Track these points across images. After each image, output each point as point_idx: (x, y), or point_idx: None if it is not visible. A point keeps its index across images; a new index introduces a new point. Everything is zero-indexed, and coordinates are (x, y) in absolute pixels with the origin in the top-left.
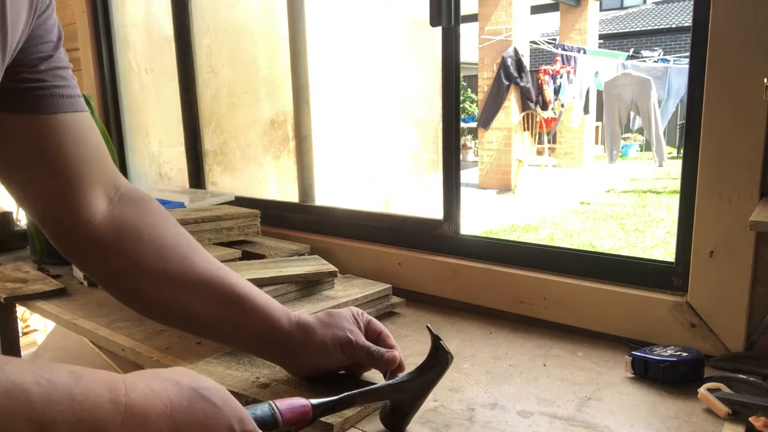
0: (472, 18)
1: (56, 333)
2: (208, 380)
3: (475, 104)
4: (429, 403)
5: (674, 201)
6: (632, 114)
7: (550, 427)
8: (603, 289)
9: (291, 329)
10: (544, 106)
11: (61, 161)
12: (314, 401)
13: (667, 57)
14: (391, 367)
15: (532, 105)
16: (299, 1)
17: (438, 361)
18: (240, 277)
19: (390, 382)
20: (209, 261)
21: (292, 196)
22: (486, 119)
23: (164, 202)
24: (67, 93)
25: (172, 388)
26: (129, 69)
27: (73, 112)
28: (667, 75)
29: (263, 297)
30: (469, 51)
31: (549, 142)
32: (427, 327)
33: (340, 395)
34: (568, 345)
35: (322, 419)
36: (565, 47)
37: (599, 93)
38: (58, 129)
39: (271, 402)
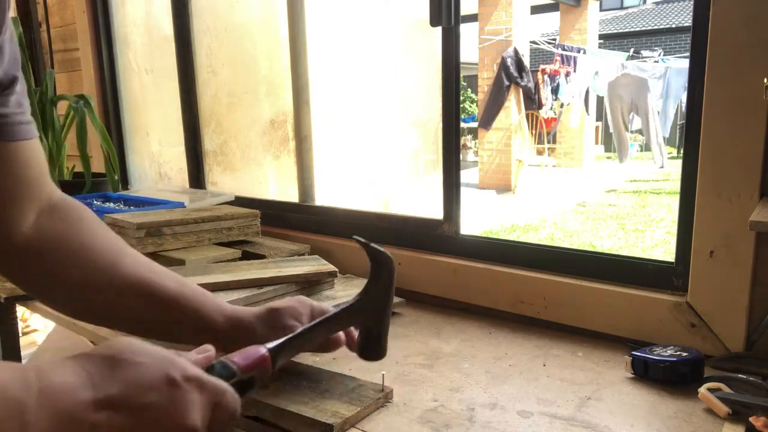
0: (472, 18)
1: (56, 333)
2: (135, 343)
3: (475, 104)
4: (429, 403)
5: (674, 201)
6: (632, 114)
7: (550, 427)
8: (603, 289)
9: (227, 327)
10: (540, 106)
11: (4, 185)
12: (270, 344)
13: (668, 57)
14: (337, 347)
15: (533, 105)
16: (299, 1)
17: (380, 266)
18: (171, 277)
19: (342, 307)
20: (138, 264)
21: (292, 196)
22: (487, 120)
23: (164, 202)
24: (24, 120)
25: (87, 362)
26: (129, 69)
27: (28, 139)
28: (667, 75)
29: (195, 296)
30: (469, 51)
31: (549, 142)
32: (354, 237)
33: (295, 332)
34: (568, 345)
35: (322, 420)
36: (565, 47)
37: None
38: (10, 155)
39: (221, 358)
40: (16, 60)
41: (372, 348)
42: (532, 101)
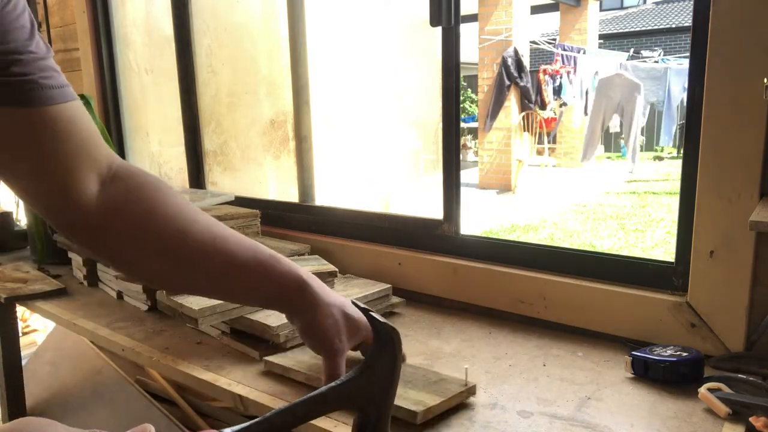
0: (472, 18)
1: (56, 333)
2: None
3: (475, 104)
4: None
5: (674, 201)
6: (615, 116)
7: (550, 427)
8: (603, 289)
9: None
10: (543, 106)
11: (54, 152)
12: (227, 430)
13: (668, 57)
14: None
15: (531, 105)
16: (299, 1)
17: (383, 342)
18: (243, 242)
19: (331, 385)
20: (204, 230)
21: (292, 196)
22: (489, 121)
23: None
24: (54, 84)
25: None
26: (129, 69)
27: (63, 102)
28: (667, 75)
29: (268, 261)
30: (469, 51)
31: (549, 143)
32: (353, 302)
33: (261, 417)
34: (568, 345)
35: (405, 407)
36: (565, 47)
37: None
38: (50, 121)
39: None
40: (23, 27)
41: None
42: (530, 101)
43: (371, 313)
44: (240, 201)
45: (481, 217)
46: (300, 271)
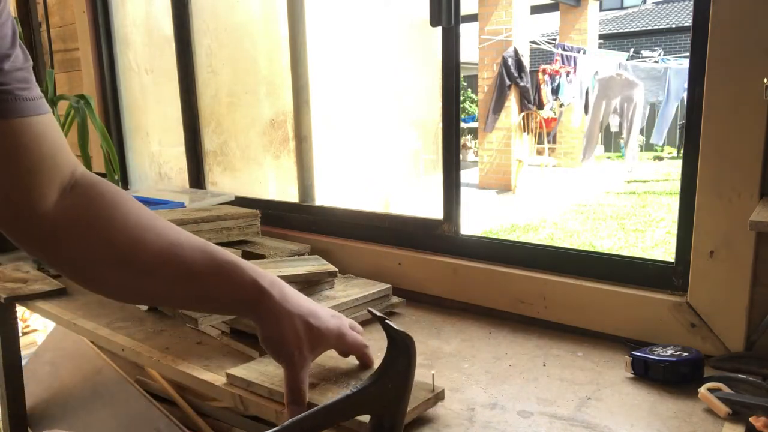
0: (472, 18)
1: (56, 333)
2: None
3: (475, 104)
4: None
5: (674, 201)
6: (614, 116)
7: (550, 427)
8: (603, 289)
9: (258, 295)
10: (541, 106)
11: (20, 163)
12: None
13: (668, 57)
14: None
15: (530, 105)
16: (299, 1)
17: (397, 350)
18: (198, 249)
19: (345, 394)
20: (161, 237)
21: (292, 196)
22: (490, 121)
23: (164, 202)
24: (29, 96)
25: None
26: (129, 69)
27: (35, 115)
28: (667, 76)
29: (225, 266)
30: (469, 51)
31: (549, 142)
32: (369, 310)
33: (276, 428)
34: (568, 345)
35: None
36: (565, 47)
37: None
38: (19, 132)
39: None
40: (5, 37)
41: None
42: (530, 102)
43: (387, 321)
44: (240, 201)
45: (481, 217)
46: (261, 279)
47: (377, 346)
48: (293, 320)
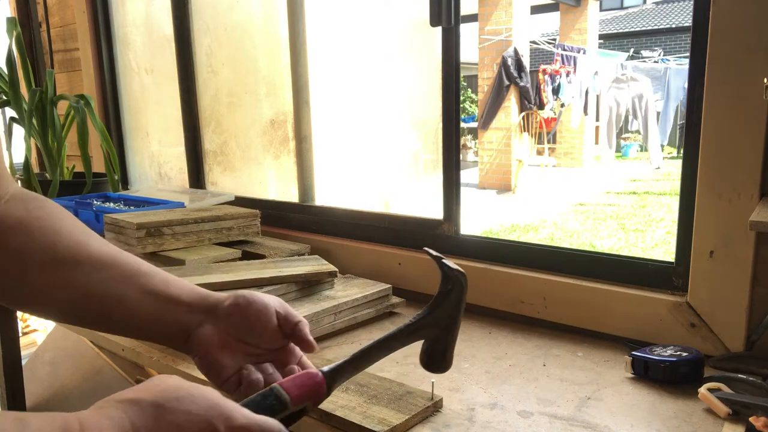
0: (472, 18)
1: (56, 333)
2: (182, 387)
3: (475, 104)
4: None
5: (674, 201)
6: (628, 116)
7: (550, 427)
8: (603, 289)
9: (192, 304)
10: (541, 106)
11: None
12: (325, 368)
13: (668, 57)
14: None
15: (530, 105)
16: (299, 1)
17: (451, 284)
18: (143, 261)
19: (405, 324)
20: (107, 245)
21: (292, 196)
22: (487, 120)
23: (164, 202)
24: None
25: (132, 411)
26: (129, 69)
27: None
28: (667, 76)
29: (170, 276)
30: (469, 51)
31: (549, 142)
32: (425, 249)
33: (352, 354)
34: (568, 345)
35: (369, 427)
36: (565, 47)
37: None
38: None
39: (274, 384)
40: None
41: (435, 361)
42: (530, 101)
43: (442, 260)
44: (240, 201)
45: (481, 217)
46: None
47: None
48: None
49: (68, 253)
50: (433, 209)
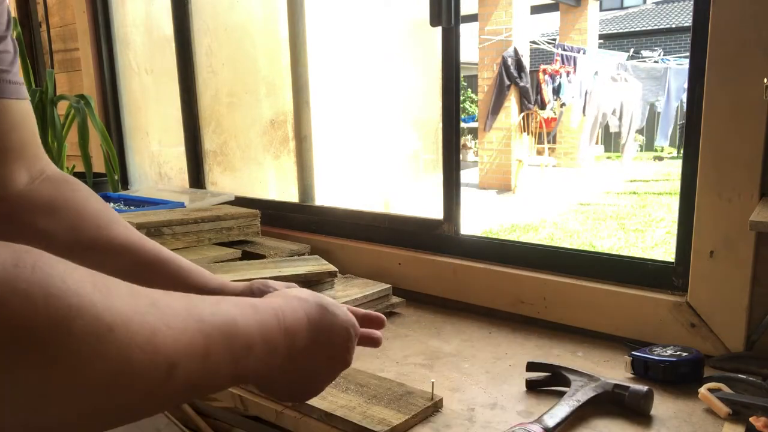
0: (472, 18)
1: None
2: (324, 296)
3: (475, 104)
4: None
5: (674, 201)
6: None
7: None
8: (603, 289)
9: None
10: (542, 106)
11: None
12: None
13: (668, 57)
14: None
15: (530, 105)
16: (299, 1)
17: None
18: (160, 247)
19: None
20: (130, 230)
21: (292, 196)
22: (489, 121)
23: (164, 202)
24: (12, 79)
25: (306, 306)
26: (129, 69)
27: (16, 99)
28: (667, 76)
29: (183, 263)
30: (469, 51)
31: (549, 142)
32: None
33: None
34: (568, 345)
35: (369, 427)
36: (565, 47)
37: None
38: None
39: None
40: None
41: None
42: (530, 102)
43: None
44: (240, 201)
45: (481, 217)
46: (210, 281)
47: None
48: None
49: (89, 236)
50: (433, 209)
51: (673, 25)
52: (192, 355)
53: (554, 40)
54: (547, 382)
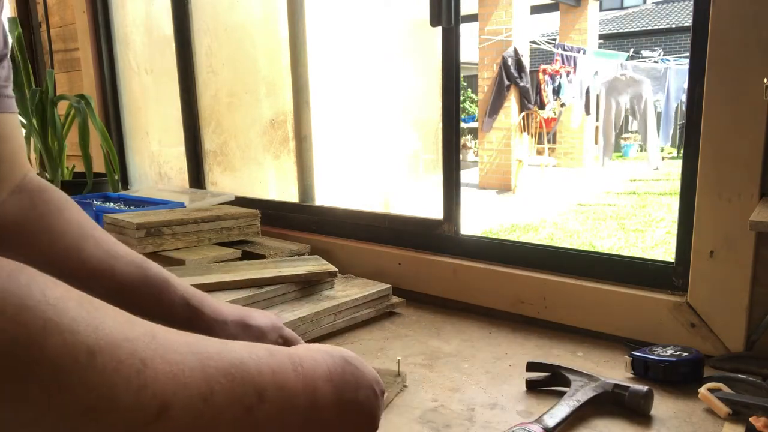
0: (472, 18)
1: None
2: (348, 351)
3: (475, 104)
4: (429, 403)
5: (674, 201)
6: (627, 117)
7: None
8: (603, 289)
9: (186, 317)
10: (542, 106)
11: None
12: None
13: (668, 57)
14: None
15: (530, 105)
16: (299, 1)
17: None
18: (132, 261)
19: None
20: (99, 246)
21: (292, 196)
22: (488, 121)
23: (164, 202)
24: (8, 94)
25: (328, 359)
26: (129, 69)
27: (9, 113)
28: (667, 76)
29: (157, 282)
30: (469, 51)
31: (549, 142)
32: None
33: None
34: (568, 345)
35: None
36: (565, 47)
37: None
38: None
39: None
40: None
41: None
42: (530, 102)
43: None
44: (240, 201)
45: (481, 217)
46: (191, 297)
47: (376, 346)
48: (228, 328)
49: (59, 258)
50: (433, 209)
51: (673, 25)
52: (189, 396)
53: (554, 40)
54: (547, 382)
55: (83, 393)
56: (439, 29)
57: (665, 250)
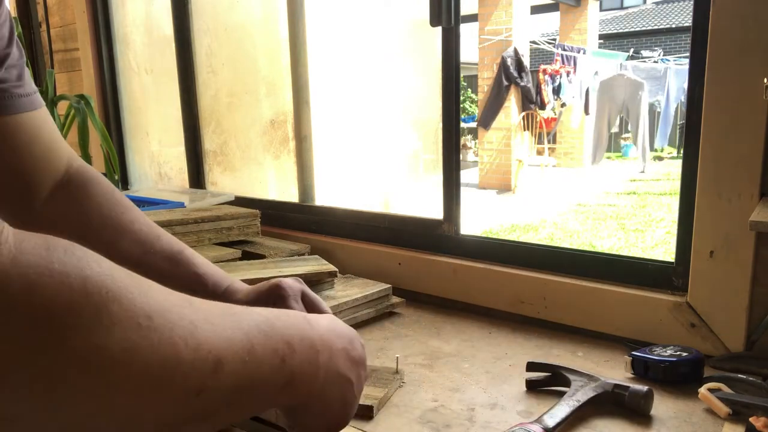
0: (472, 18)
1: None
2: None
3: (475, 104)
4: (429, 403)
5: (674, 201)
6: (621, 117)
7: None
8: (603, 289)
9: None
10: (542, 106)
11: (12, 160)
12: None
13: (668, 57)
14: None
15: (531, 105)
16: (299, 1)
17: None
18: (168, 255)
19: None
20: (134, 245)
21: (292, 196)
22: (486, 120)
23: (164, 202)
24: (24, 92)
25: (324, 319)
26: (129, 69)
27: (30, 111)
28: (667, 76)
29: (188, 277)
30: (469, 51)
31: (549, 142)
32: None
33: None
34: (568, 345)
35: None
36: (565, 47)
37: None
38: (13, 129)
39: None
40: (2, 38)
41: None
42: (531, 102)
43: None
44: (240, 201)
45: (481, 217)
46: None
47: (376, 346)
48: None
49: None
50: (433, 209)
51: (673, 25)
52: (235, 351)
53: (554, 40)
54: (547, 382)
55: (153, 355)
56: (439, 29)
57: (665, 250)
